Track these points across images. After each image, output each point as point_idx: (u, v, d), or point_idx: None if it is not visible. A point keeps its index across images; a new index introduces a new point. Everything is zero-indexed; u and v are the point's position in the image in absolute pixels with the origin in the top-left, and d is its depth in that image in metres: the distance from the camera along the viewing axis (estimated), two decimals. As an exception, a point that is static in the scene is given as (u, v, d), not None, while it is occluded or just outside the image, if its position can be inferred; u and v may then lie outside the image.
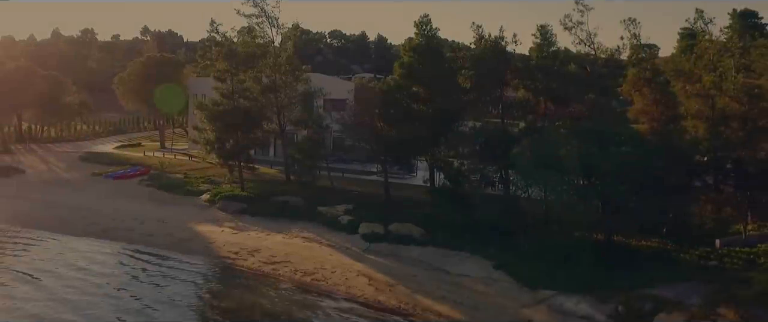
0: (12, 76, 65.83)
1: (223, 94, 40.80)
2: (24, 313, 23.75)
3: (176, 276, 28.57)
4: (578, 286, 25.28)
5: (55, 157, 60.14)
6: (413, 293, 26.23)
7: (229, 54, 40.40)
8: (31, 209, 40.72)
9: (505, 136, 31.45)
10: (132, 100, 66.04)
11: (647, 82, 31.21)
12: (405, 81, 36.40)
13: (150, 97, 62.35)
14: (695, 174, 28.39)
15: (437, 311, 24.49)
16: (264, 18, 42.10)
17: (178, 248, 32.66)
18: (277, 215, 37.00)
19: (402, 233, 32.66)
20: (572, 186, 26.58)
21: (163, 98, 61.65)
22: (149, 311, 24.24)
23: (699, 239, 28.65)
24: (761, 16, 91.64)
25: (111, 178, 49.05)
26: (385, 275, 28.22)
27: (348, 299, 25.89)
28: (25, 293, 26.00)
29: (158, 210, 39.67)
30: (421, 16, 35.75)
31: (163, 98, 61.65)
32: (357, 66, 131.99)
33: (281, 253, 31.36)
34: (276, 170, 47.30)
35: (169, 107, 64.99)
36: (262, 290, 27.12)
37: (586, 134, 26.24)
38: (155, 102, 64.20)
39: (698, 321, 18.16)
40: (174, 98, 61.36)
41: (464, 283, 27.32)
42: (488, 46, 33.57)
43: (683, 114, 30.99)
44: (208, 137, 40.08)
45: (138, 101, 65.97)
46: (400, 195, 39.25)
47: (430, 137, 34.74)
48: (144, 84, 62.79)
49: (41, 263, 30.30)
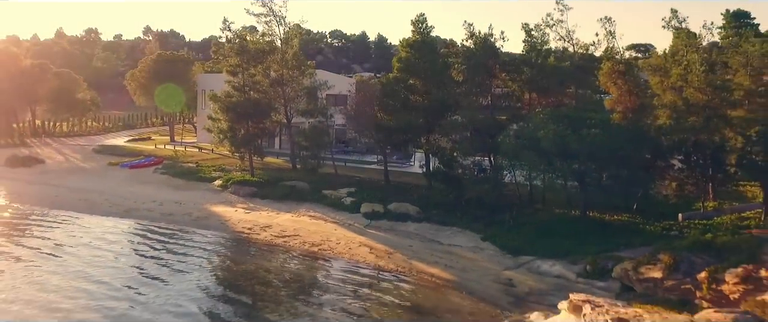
0: (27, 73, 69.91)
1: (235, 87, 44.75)
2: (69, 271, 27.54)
3: (198, 246, 32.46)
4: (554, 252, 29.22)
5: (70, 150, 64.00)
6: (409, 259, 30.11)
7: (241, 50, 44.38)
8: (57, 193, 44.61)
9: (494, 123, 35.35)
10: (142, 96, 69.90)
11: (621, 74, 35.14)
12: (403, 75, 40.38)
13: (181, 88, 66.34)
14: (660, 155, 32.29)
15: (430, 273, 28.36)
16: (272, 17, 46.26)
17: (196, 225, 36.58)
18: (285, 198, 40.97)
19: (400, 212, 36.60)
20: (549, 165, 30.44)
21: (163, 97, 65.89)
22: (179, 273, 28.05)
23: (665, 213, 32.57)
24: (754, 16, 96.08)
25: (127, 167, 52.95)
26: (384, 245, 32.12)
27: (351, 264, 29.80)
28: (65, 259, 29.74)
29: (174, 194, 43.57)
30: (418, 15, 39.81)
31: (163, 97, 65.89)
32: (357, 65, 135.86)
33: (290, 228, 35.29)
34: (282, 159, 51.29)
35: (169, 106, 69.30)
36: (276, 257, 31.03)
37: (561, 119, 30.15)
38: (156, 101, 68.52)
39: (643, 265, 22.01)
40: (173, 98, 65.53)
41: (455, 251, 31.22)
42: (478, 43, 37.54)
43: (654, 104, 34.91)
44: (221, 127, 43.98)
45: (148, 97, 69.93)
46: (398, 181, 43.25)
47: (426, 125, 38.75)
48: (154, 80, 66.74)
49: (74, 236, 34.15)
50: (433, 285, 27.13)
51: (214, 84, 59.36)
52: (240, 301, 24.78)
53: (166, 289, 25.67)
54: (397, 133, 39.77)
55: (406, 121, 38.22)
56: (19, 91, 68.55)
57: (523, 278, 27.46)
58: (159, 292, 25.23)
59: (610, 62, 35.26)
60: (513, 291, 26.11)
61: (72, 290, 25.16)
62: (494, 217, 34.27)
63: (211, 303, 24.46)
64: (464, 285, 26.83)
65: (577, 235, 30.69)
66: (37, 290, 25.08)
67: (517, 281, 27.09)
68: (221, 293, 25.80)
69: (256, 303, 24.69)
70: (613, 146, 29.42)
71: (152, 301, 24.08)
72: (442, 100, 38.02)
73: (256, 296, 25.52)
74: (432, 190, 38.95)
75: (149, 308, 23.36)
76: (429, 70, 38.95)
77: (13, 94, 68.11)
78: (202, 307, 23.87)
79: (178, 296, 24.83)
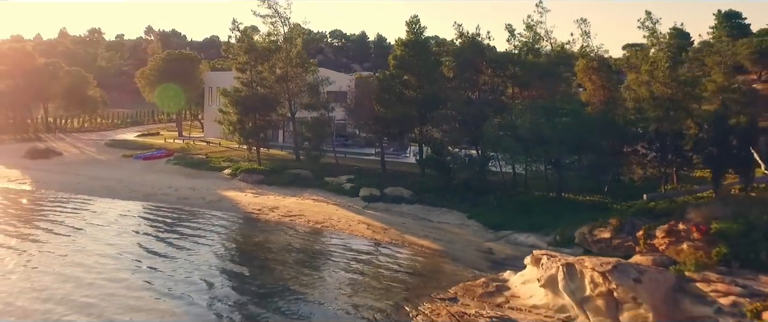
0: (41, 71, 74.38)
1: (243, 82, 49.15)
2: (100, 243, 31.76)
3: (213, 224, 36.75)
4: (530, 227, 33.52)
5: (84, 144, 68.43)
6: (402, 233, 34.37)
7: (249, 49, 48.75)
8: (79, 181, 48.91)
9: (479, 115, 39.67)
10: (152, 93, 74.28)
11: (594, 70, 39.47)
12: (398, 71, 44.74)
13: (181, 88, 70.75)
14: (627, 142, 36.61)
15: (421, 244, 32.61)
16: (277, 18, 50.66)
17: (210, 207, 40.88)
18: (290, 184, 45.34)
19: (395, 195, 40.95)
20: (526, 150, 34.75)
21: (163, 97, 70.48)
22: (198, 244, 32.26)
23: (632, 195, 36.70)
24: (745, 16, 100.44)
25: (140, 158, 57.35)
26: (380, 223, 36.39)
27: (351, 238, 34.09)
28: (96, 233, 33.95)
29: (187, 181, 47.90)
30: (411, 17, 44.16)
31: (163, 97, 70.48)
32: (357, 65, 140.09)
33: (296, 209, 39.60)
34: (286, 151, 55.69)
35: (169, 105, 73.98)
36: (284, 231, 35.30)
37: (537, 109, 34.48)
38: (156, 101, 73.18)
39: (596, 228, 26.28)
40: (173, 97, 70.10)
41: (443, 227, 35.53)
42: (466, 42, 41.89)
43: (623, 96, 39.26)
44: (231, 119, 48.35)
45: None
46: (394, 169, 47.61)
47: (419, 117, 43.10)
48: (163, 78, 71.10)
49: (101, 215, 38.42)
50: (423, 254, 31.36)
51: (220, 81, 63.94)
52: (252, 266, 28.98)
53: (188, 257, 29.80)
54: (393, 124, 44.12)
55: (401, 113, 42.58)
56: (34, 89, 73.03)
57: (501, 248, 31.76)
58: (182, 259, 29.40)
59: (584, 59, 39.59)
60: (492, 258, 30.39)
61: (104, 257, 29.28)
62: (480, 199, 38.63)
63: (229, 267, 28.68)
64: (450, 254, 31.08)
65: (552, 213, 35.01)
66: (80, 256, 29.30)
67: (496, 250, 31.39)
68: (236, 260, 30.07)
69: (266, 267, 28.91)
70: (582, 133, 33.76)
71: (177, 266, 28.19)
72: (433, 94, 42.36)
73: (267, 262, 29.74)
74: (424, 176, 43.34)
75: (174, 272, 27.46)
76: (422, 67, 43.32)
77: (28, 92, 72.55)
78: (220, 270, 28.10)
79: (199, 262, 28.94)
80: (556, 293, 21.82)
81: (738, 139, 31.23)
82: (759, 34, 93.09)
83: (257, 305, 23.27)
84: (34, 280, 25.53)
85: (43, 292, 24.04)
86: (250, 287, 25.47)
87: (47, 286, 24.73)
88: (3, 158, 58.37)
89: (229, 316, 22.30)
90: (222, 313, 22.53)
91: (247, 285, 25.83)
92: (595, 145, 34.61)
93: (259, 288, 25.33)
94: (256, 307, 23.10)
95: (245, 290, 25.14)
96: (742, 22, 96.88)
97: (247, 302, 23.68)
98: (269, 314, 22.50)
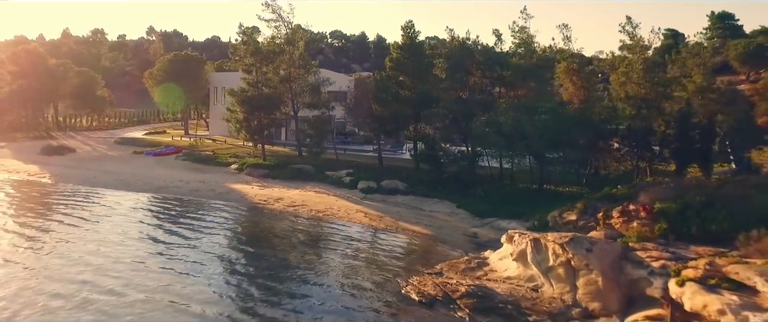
0: (52, 71, 78.30)
1: (249, 83, 53.08)
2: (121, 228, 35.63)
3: (223, 212, 40.62)
4: (512, 214, 37.40)
5: (94, 141, 72.32)
6: (396, 220, 38.26)
7: (255, 51, 52.70)
8: (94, 175, 52.76)
9: (468, 113, 43.56)
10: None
11: (574, 72, 43.36)
12: (394, 72, 48.66)
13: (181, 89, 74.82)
14: (602, 138, 40.49)
15: (413, 230, 36.48)
16: (281, 22, 54.58)
17: (219, 198, 44.76)
18: (294, 178, 49.25)
19: (390, 187, 44.85)
20: (509, 145, 38.65)
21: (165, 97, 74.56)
22: (210, 229, 36.13)
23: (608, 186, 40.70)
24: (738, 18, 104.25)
25: (151, 155, 61.24)
26: (376, 211, 40.29)
27: (349, 224, 37.98)
28: (116, 220, 37.82)
29: (197, 175, 51.80)
30: (406, 22, 48.14)
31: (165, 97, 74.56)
32: (357, 65, 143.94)
33: (299, 200, 43.49)
34: (289, 148, 59.62)
35: (169, 105, 78.11)
36: (288, 219, 39.20)
37: (519, 107, 38.37)
38: (157, 101, 77.27)
39: (565, 212, 30.20)
40: (174, 98, 74.22)
41: (434, 215, 39.42)
42: (457, 45, 45.80)
43: (602, 95, 43.13)
44: (238, 117, 52.28)
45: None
46: (390, 164, 51.52)
47: (413, 115, 47.00)
48: (170, 79, 74.99)
49: (119, 205, 42.26)
50: (415, 238, 35.20)
51: (225, 82, 67.95)
52: (260, 247, 32.82)
53: (201, 239, 33.61)
54: (389, 122, 48.02)
55: (396, 111, 46.50)
56: (45, 89, 76.94)
57: (485, 232, 35.63)
58: (196, 240, 33.28)
59: (565, 62, 43.48)
60: (476, 241, 34.27)
61: (127, 240, 33.18)
62: (469, 190, 42.56)
63: (241, 248, 32.52)
64: (439, 238, 34.95)
65: (534, 202, 38.89)
66: (106, 238, 33.18)
67: (480, 235, 35.27)
68: (245, 242, 33.93)
69: (273, 248, 32.75)
70: (560, 130, 37.66)
71: (195, 247, 32.12)
72: (426, 93, 46.27)
73: (274, 245, 33.60)
74: (418, 170, 47.27)
75: (191, 250, 31.43)
76: (416, 69, 47.25)
77: (40, 92, 76.49)
78: (234, 250, 31.95)
79: (211, 244, 32.78)
80: (526, 266, 25.69)
81: (699, 136, 35.02)
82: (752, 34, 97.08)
83: (269, 279, 27.03)
84: (68, 257, 29.36)
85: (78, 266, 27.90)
86: (261, 265, 29.29)
87: (83, 262, 28.59)
88: (20, 155, 62.30)
89: (245, 287, 26.09)
90: (239, 285, 26.35)
91: (259, 263, 29.66)
92: (573, 141, 38.47)
93: (269, 266, 29.16)
94: (269, 281, 26.84)
95: (257, 267, 28.98)
96: (735, 23, 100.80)
97: (260, 276, 27.45)
98: (279, 286, 26.29)
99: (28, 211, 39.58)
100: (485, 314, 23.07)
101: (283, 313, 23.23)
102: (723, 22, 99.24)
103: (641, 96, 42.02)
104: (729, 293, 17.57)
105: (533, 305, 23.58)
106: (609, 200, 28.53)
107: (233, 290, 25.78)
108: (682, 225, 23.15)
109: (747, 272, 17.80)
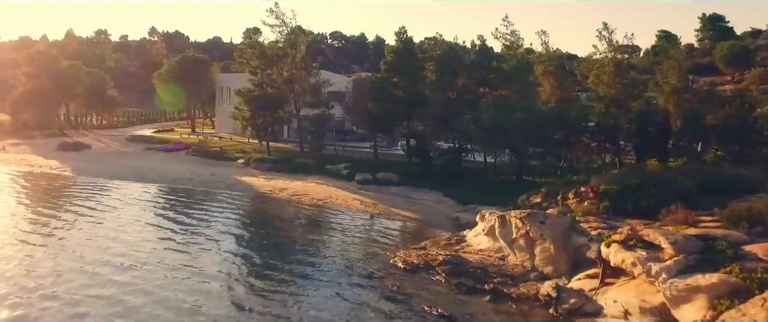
0: (65, 72, 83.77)
1: (255, 84, 58.50)
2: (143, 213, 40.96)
3: (233, 200, 45.94)
4: (492, 201, 42.42)
5: (107, 139, 77.76)
6: (389, 207, 43.56)
7: (260, 55, 58.12)
8: (111, 169, 58.08)
9: (455, 111, 48.88)
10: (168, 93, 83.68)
11: (551, 74, 48.69)
12: (388, 74, 54.06)
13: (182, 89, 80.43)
14: (574, 133, 45.81)
15: (403, 215, 41.78)
16: (284, 27, 60.00)
17: (229, 188, 50.10)
18: (296, 171, 54.61)
19: (384, 179, 50.20)
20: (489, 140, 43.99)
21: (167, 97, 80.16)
22: (222, 213, 41.51)
23: (579, 177, 46.08)
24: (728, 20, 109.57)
25: (162, 150, 66.64)
26: (371, 200, 45.62)
27: (346, 210, 43.33)
28: (138, 206, 43.18)
29: (207, 169, 57.18)
30: (400, 28, 53.64)
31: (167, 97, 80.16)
32: (356, 66, 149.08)
33: (301, 190, 48.84)
34: (291, 145, 65.03)
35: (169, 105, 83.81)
36: (292, 206, 44.55)
37: (499, 105, 43.71)
38: (157, 101, 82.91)
39: (532, 195, 35.47)
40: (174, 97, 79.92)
41: (423, 203, 44.75)
42: (445, 49, 51.20)
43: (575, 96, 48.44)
44: (244, 115, 57.69)
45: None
46: (385, 159, 56.87)
47: (406, 113, 52.38)
48: (178, 79, 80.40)
49: (138, 194, 47.58)
50: (405, 222, 40.51)
51: (231, 82, 73.39)
52: (268, 228, 38.13)
53: (214, 222, 38.97)
54: (384, 120, 53.40)
55: (390, 110, 51.88)
56: (58, 89, 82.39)
57: (466, 216, 40.81)
58: (213, 221, 38.58)
59: (542, 65, 48.83)
60: (458, 223, 39.55)
61: (150, 221, 38.53)
62: (455, 182, 47.90)
63: (250, 229, 37.86)
64: (426, 221, 40.28)
65: (513, 191, 43.86)
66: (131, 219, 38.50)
67: (462, 218, 40.51)
68: (255, 224, 39.28)
69: (279, 229, 38.08)
70: (536, 126, 42.98)
71: (210, 226, 37.44)
72: (418, 94, 51.64)
73: (279, 226, 38.93)
74: (410, 164, 52.63)
75: (209, 229, 36.71)
76: (408, 71, 52.61)
77: (54, 92, 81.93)
78: (244, 231, 37.27)
79: (225, 225, 38.06)
80: (495, 239, 30.98)
81: (656, 132, 40.33)
82: (742, 36, 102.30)
83: (276, 252, 32.20)
84: (100, 236, 34.67)
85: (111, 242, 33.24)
86: (269, 242, 34.60)
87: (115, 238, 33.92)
88: (39, 151, 67.71)
89: (256, 259, 31.34)
90: (251, 257, 31.64)
91: (267, 240, 35.01)
92: (548, 137, 43.79)
93: (276, 243, 34.45)
94: (276, 254, 31.94)
95: (266, 243, 34.32)
96: (725, 25, 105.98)
97: (268, 250, 32.73)
98: (284, 258, 31.53)
99: (58, 198, 44.99)
100: (458, 277, 28.25)
101: (289, 277, 28.45)
102: (714, 24, 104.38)
103: (611, 96, 47.29)
104: (641, 250, 22.73)
105: (499, 270, 28.87)
106: (569, 185, 33.79)
107: (245, 259, 31.05)
108: (620, 203, 28.38)
109: (655, 235, 22.99)
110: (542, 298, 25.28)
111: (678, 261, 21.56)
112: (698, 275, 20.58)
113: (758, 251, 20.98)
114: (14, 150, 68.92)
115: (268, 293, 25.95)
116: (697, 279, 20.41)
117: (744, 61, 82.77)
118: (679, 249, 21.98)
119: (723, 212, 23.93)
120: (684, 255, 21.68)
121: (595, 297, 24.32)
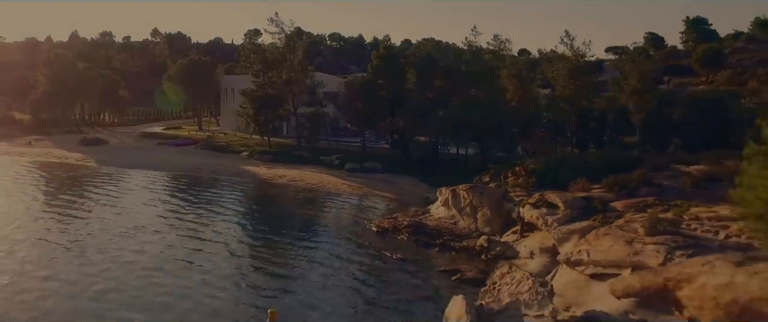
0: (81, 73, 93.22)
1: (257, 85, 68.03)
2: (162, 194, 50.41)
3: (239, 184, 55.42)
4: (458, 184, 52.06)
5: (120, 135, 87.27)
6: (372, 190, 52.93)
7: (262, 59, 67.68)
8: (131, 160, 67.49)
9: (432, 109, 58.24)
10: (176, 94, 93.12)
11: (514, 76, 58.08)
12: (374, 77, 63.52)
13: (188, 90, 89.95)
14: (530, 127, 55.16)
15: (384, 195, 51.11)
16: (283, 34, 69.52)
17: (235, 176, 59.54)
18: (294, 162, 64.03)
19: (370, 167, 59.60)
20: (457, 133, 53.36)
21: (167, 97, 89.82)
22: (231, 194, 50.97)
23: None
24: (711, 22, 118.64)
25: (173, 145, 76.14)
26: (358, 184, 55.00)
27: (336, 192, 52.76)
28: (157, 188, 52.66)
29: (215, 160, 66.65)
30: (384, 36, 63.32)
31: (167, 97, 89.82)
32: (354, 66, 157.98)
33: (298, 177, 58.27)
34: (289, 140, 74.50)
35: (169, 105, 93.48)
36: (289, 189, 54.03)
37: (466, 104, 53.09)
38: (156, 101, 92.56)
39: (483, 176, 44.96)
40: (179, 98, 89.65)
41: (402, 187, 54.10)
42: (423, 55, 60.66)
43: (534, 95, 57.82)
44: (248, 113, 67.22)
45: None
46: (372, 151, 66.32)
47: (389, 111, 61.83)
48: (185, 81, 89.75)
49: (158, 180, 57.11)
50: (384, 201, 49.96)
51: (235, 83, 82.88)
52: (270, 205, 47.63)
53: (223, 201, 48.41)
54: (371, 117, 62.84)
55: (376, 108, 61.33)
56: (75, 89, 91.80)
57: (436, 196, 50.30)
58: (218, 201, 48.11)
59: (506, 69, 58.27)
60: (428, 201, 48.86)
61: (169, 200, 48.04)
62: (431, 170, 57.30)
63: (255, 207, 47.38)
64: (402, 200, 49.63)
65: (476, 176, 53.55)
66: (153, 198, 47.97)
67: (432, 198, 49.68)
68: (258, 202, 48.80)
69: (279, 207, 47.53)
70: (497, 121, 52.33)
71: (221, 204, 46.90)
72: (399, 94, 61.06)
73: (279, 204, 48.36)
74: (393, 155, 62.06)
75: (220, 207, 46.15)
76: (391, 74, 62.05)
77: (70, 92, 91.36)
78: (250, 206, 46.80)
79: (235, 203, 47.64)
80: (449, 208, 40.37)
81: (595, 126, 49.68)
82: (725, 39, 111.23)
83: (277, 223, 41.60)
84: (128, 209, 44.15)
85: (137, 216, 42.73)
86: (271, 216, 44.09)
87: (140, 212, 43.41)
88: (62, 145, 77.15)
89: (260, 228, 40.73)
90: (256, 227, 41.10)
91: (269, 215, 44.50)
92: (507, 130, 53.17)
93: (277, 216, 43.92)
94: (277, 224, 41.38)
95: (268, 216, 43.80)
96: (708, 27, 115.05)
97: (270, 221, 42.25)
98: (284, 227, 40.97)
99: (86, 184, 54.46)
100: (417, 235, 37.63)
101: (289, 241, 37.58)
102: (697, 26, 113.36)
103: (566, 96, 56.70)
104: (544, 209, 32.09)
105: (450, 231, 38.25)
106: (510, 167, 43.23)
107: (252, 229, 40.50)
108: (544, 178, 37.68)
109: (554, 197, 32.30)
110: (478, 248, 34.65)
111: (566, 214, 30.97)
112: (576, 223, 29.96)
113: (618, 206, 30.39)
114: (39, 145, 78.40)
115: (271, 251, 35.46)
116: (574, 226, 29.79)
117: (717, 62, 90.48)
118: (568, 206, 31.37)
119: (606, 181, 33.29)
120: (570, 210, 31.06)
121: (516, 246, 33.74)
